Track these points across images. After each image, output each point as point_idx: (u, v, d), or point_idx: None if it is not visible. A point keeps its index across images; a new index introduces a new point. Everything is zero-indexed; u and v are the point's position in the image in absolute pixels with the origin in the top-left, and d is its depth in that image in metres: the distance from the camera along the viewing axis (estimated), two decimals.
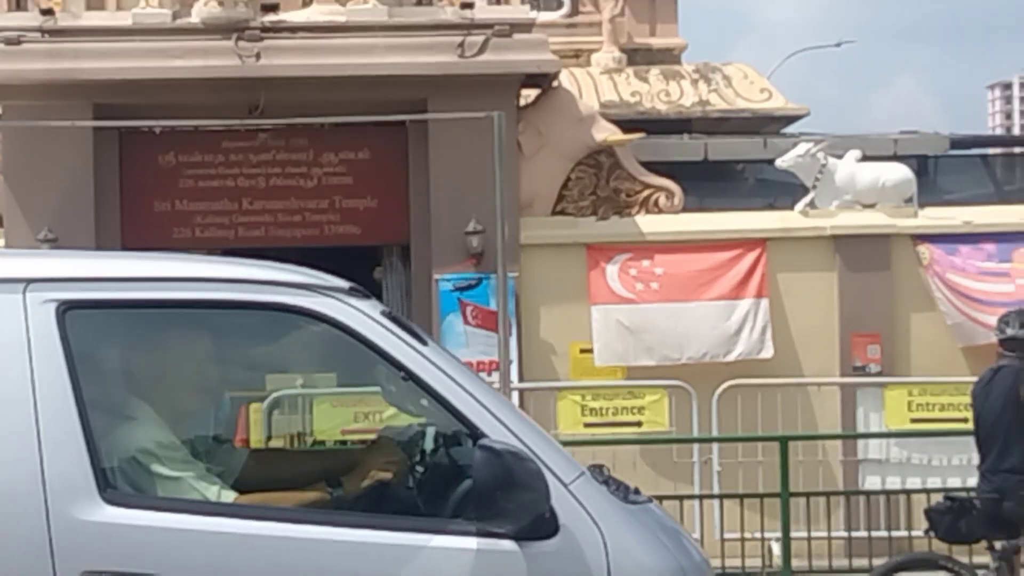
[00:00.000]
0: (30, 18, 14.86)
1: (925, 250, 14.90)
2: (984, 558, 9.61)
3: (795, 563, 12.35)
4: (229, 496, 3.80)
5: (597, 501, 3.67)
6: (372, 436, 6.07)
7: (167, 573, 3.44)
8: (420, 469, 4.24)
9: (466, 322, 14.19)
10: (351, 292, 3.77)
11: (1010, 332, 9.61)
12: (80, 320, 3.66)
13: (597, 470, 3.97)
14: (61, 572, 3.38)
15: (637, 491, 4.05)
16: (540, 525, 3.46)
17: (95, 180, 14.67)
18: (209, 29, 14.61)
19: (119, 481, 3.62)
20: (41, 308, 3.61)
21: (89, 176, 14.62)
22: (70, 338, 3.60)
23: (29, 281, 3.64)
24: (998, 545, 9.25)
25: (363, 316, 3.70)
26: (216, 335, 4.20)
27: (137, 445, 3.78)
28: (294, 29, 15.14)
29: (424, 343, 3.79)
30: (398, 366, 3.74)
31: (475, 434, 3.65)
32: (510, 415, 3.83)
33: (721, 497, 12.99)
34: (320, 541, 3.60)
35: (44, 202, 14.53)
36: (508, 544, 3.46)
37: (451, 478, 3.90)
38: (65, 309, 3.62)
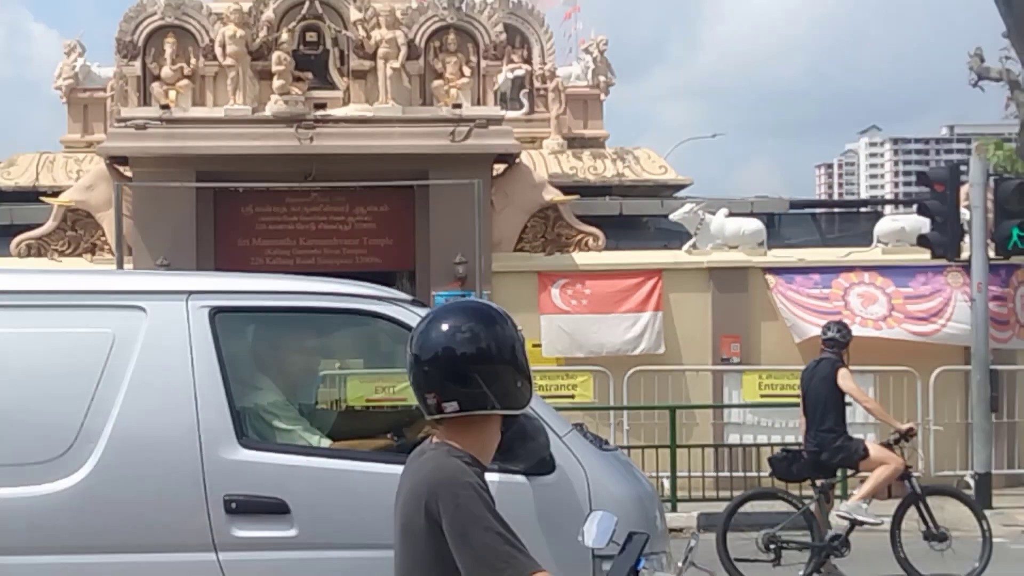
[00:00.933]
0: (152, 111, 16.69)
1: (771, 278, 16.66)
2: (808, 492, 11.14)
3: (680, 494, 14.56)
4: (326, 443, 5.03)
5: (581, 449, 4.76)
6: (394, 403, 6.70)
7: (283, 497, 4.50)
8: None
9: None
10: (413, 303, 5.17)
11: (829, 335, 11.59)
12: (225, 320, 4.75)
13: (579, 427, 5.11)
14: (210, 495, 4.45)
15: (607, 442, 5.27)
16: (542, 465, 4.57)
17: (196, 224, 16.41)
18: (278, 120, 16.37)
19: (250, 432, 4.69)
20: (198, 312, 4.67)
21: (192, 221, 16.36)
22: (218, 333, 4.66)
23: (190, 293, 4.75)
24: (818, 483, 11.03)
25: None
26: (320, 330, 5.58)
27: (262, 407, 4.94)
28: (336, 121, 16.92)
29: None
30: None
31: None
32: None
33: (629, 448, 13.95)
34: (389, 474, 4.08)
35: (160, 239, 16.21)
36: (520, 478, 4.56)
37: None
38: (214, 313, 4.71)
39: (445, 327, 2.59)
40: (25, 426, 4.68)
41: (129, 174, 16.77)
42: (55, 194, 17.58)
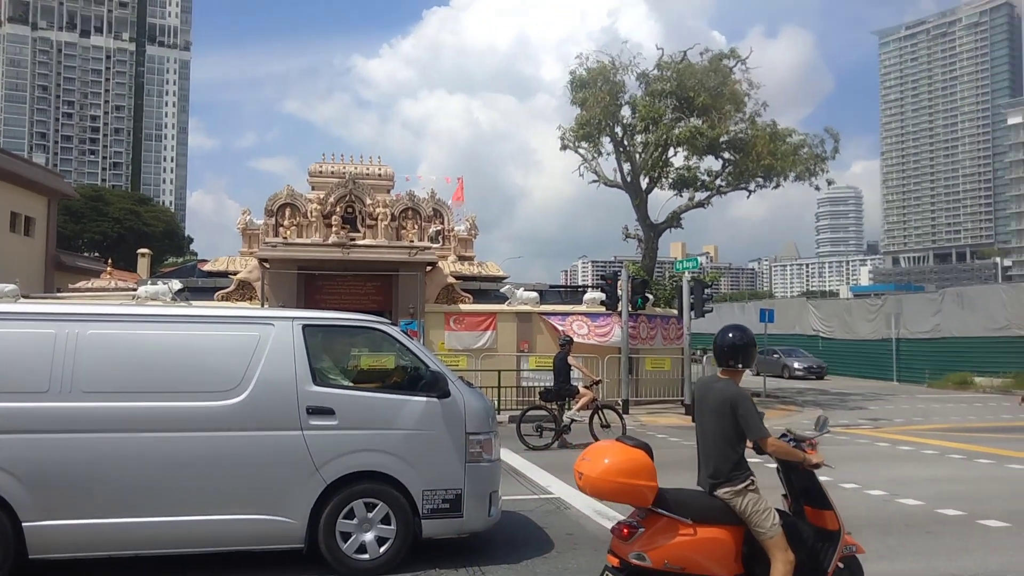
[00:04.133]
0: (279, 240, 19.44)
1: (539, 318, 19.94)
2: (554, 406, 13.00)
3: (502, 407, 16.66)
4: (350, 384, 5.85)
5: (461, 386, 5.86)
6: (381, 368, 6.71)
7: (332, 406, 5.48)
8: (409, 377, 5.92)
9: (408, 337, 11.12)
10: (393, 325, 6.05)
11: (564, 340, 13.79)
12: (309, 330, 5.66)
13: (461, 379, 6.08)
14: (300, 404, 5.40)
15: (471, 383, 6.28)
16: (445, 394, 5.65)
17: (296, 289, 18.72)
18: (333, 245, 19.02)
19: (318, 378, 5.56)
20: (297, 326, 5.62)
21: (294, 288, 18.72)
22: (306, 336, 5.60)
23: (294, 318, 5.69)
24: (558, 403, 12.95)
25: (397, 331, 5.93)
26: (349, 335, 6.40)
27: (324, 368, 5.74)
28: (359, 246, 19.35)
29: (410, 339, 5.98)
30: (404, 346, 5.88)
31: (428, 368, 5.77)
32: (437, 360, 5.88)
33: (482, 386, 13.33)
34: (383, 397, 5.69)
35: (281, 296, 18.56)
36: (435, 399, 5.66)
37: (419, 380, 5.77)
38: (304, 327, 5.63)
39: (732, 334, 4.27)
40: (219, 374, 5.37)
41: (267, 266, 18.61)
42: (235, 274, 20.04)
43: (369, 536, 5.53)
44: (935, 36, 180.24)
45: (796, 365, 33.46)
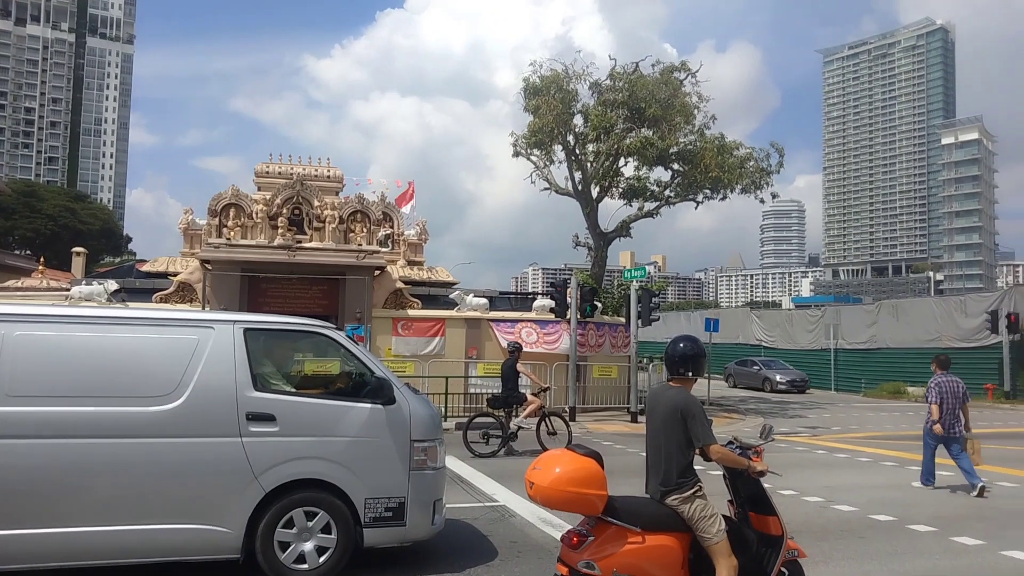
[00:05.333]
0: (222, 241, 18.88)
1: (488, 325, 19.63)
2: (501, 413, 12.79)
3: (449, 413, 16.58)
4: (292, 390, 5.67)
5: (406, 392, 5.76)
6: (325, 373, 6.56)
7: (273, 412, 5.37)
8: (353, 383, 5.80)
9: (354, 342, 11.06)
10: (338, 329, 5.95)
11: (512, 347, 13.61)
12: (250, 334, 5.53)
13: (407, 385, 5.94)
14: (240, 410, 5.28)
15: (417, 389, 6.10)
16: (390, 400, 5.55)
17: (239, 291, 18.43)
18: (279, 247, 18.71)
19: (259, 383, 5.43)
20: (238, 329, 5.50)
21: (237, 290, 18.42)
22: (247, 340, 5.48)
23: (235, 321, 5.57)
24: (506, 410, 12.70)
25: (342, 336, 5.84)
26: (293, 340, 6.20)
27: (266, 373, 5.61)
28: (305, 248, 19.07)
29: (355, 345, 5.89)
30: (349, 351, 5.79)
31: (373, 374, 5.64)
32: (382, 366, 5.78)
33: (429, 393, 14.41)
34: (326, 403, 5.58)
35: (223, 298, 18.19)
36: (380, 406, 5.56)
37: (363, 386, 5.65)
38: (246, 330, 5.51)
39: (683, 343, 4.31)
40: (154, 378, 5.22)
41: (210, 268, 18.36)
42: (175, 275, 19.64)
43: (309, 545, 5.43)
44: (876, 57, 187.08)
45: (779, 378, 32.04)
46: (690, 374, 4.37)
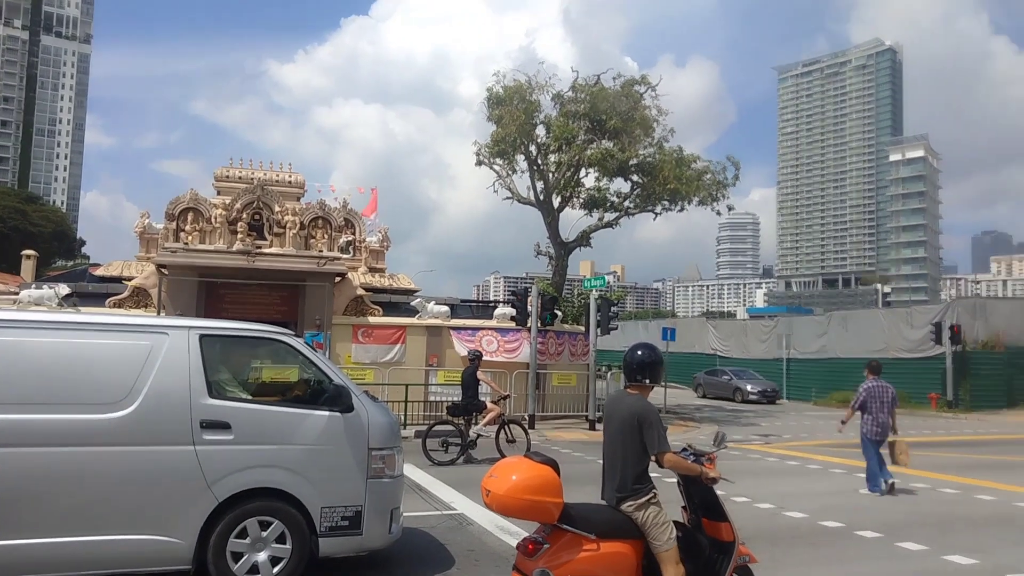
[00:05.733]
0: (180, 245, 18.34)
1: (452, 332, 19.71)
2: (461, 421, 12.76)
3: (409, 421, 16.48)
4: (249, 397, 5.66)
5: (365, 400, 5.68)
6: (283, 380, 6.52)
7: (228, 420, 5.27)
8: (311, 390, 5.74)
9: (313, 349, 11.30)
10: (296, 336, 5.86)
11: (473, 355, 13.55)
12: (207, 340, 5.44)
13: (366, 392, 5.86)
14: (193, 418, 5.19)
15: (376, 397, 6.05)
16: (348, 408, 5.48)
17: (196, 297, 18.08)
18: (238, 252, 18.16)
19: (214, 391, 5.33)
20: (193, 336, 5.40)
21: (194, 296, 18.05)
22: (203, 346, 5.38)
23: (190, 327, 5.46)
24: (465, 418, 12.69)
25: (300, 343, 5.76)
26: (250, 346, 6.09)
27: (222, 380, 5.52)
28: (265, 254, 18.57)
29: (314, 351, 5.82)
30: (307, 358, 5.71)
31: (331, 381, 5.57)
32: (341, 374, 5.71)
33: (388, 400, 14.98)
34: (282, 411, 5.49)
35: (179, 304, 17.80)
36: (338, 414, 5.50)
37: (321, 394, 5.58)
38: (202, 336, 5.42)
39: (641, 351, 4.33)
40: (106, 385, 5.10)
41: (166, 272, 17.98)
42: (130, 280, 19.08)
43: (262, 556, 5.32)
44: (828, 75, 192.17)
45: (750, 388, 31.65)
46: (647, 381, 4.39)
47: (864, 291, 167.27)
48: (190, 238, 19.51)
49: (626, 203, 25.51)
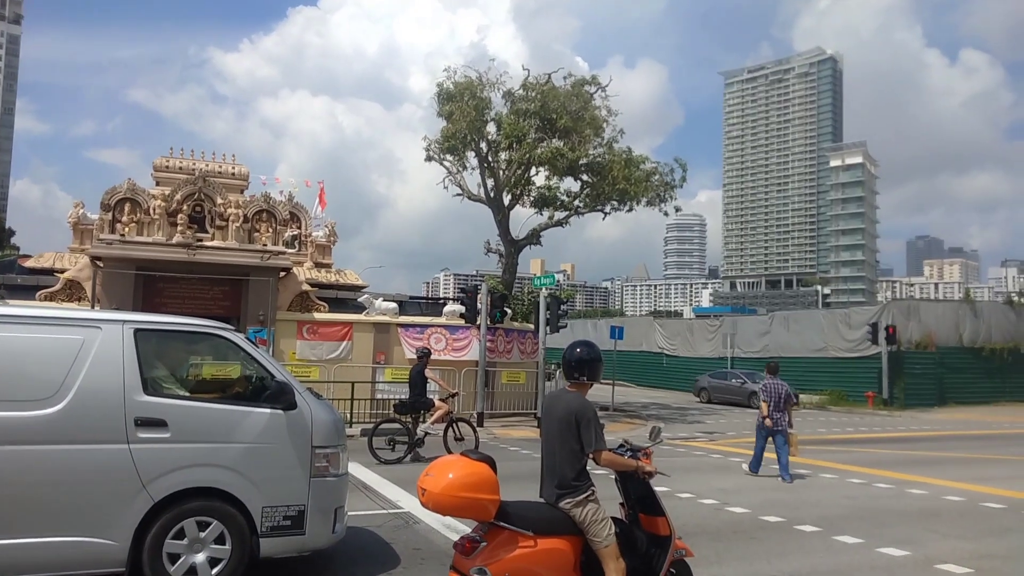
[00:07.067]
0: (116, 237, 18.05)
1: (399, 329, 19.59)
2: (408, 419, 12.77)
3: (355, 419, 16.29)
4: (186, 394, 5.53)
5: (309, 397, 5.64)
6: (223, 377, 6.35)
7: (164, 417, 5.16)
8: (253, 387, 5.69)
9: (256, 345, 11.51)
10: (236, 331, 5.78)
11: (421, 353, 13.41)
12: (142, 335, 5.32)
13: (310, 390, 5.83)
14: (128, 418, 5.06)
15: (320, 395, 6.04)
16: (291, 406, 5.44)
17: (133, 291, 17.46)
18: (178, 245, 17.92)
19: (150, 387, 5.21)
20: (128, 330, 5.27)
21: (131, 289, 17.44)
22: (138, 341, 5.26)
23: (125, 321, 5.33)
24: (412, 416, 12.74)
25: (241, 338, 5.68)
26: (189, 341, 6.01)
27: (158, 376, 5.41)
28: (207, 247, 18.44)
29: (256, 348, 5.79)
30: (249, 354, 5.67)
31: (274, 378, 5.52)
32: (284, 370, 5.69)
33: (334, 398, 15.29)
34: (222, 408, 5.39)
35: (115, 298, 17.16)
36: (280, 411, 5.44)
37: (263, 391, 5.51)
38: (137, 331, 5.30)
39: (579, 348, 4.36)
40: (34, 380, 4.97)
41: (101, 265, 17.49)
42: (63, 272, 18.46)
43: (200, 557, 5.19)
44: (772, 81, 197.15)
45: None
46: (586, 379, 4.38)
47: (805, 292, 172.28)
48: (127, 230, 19.07)
49: (576, 202, 25.75)
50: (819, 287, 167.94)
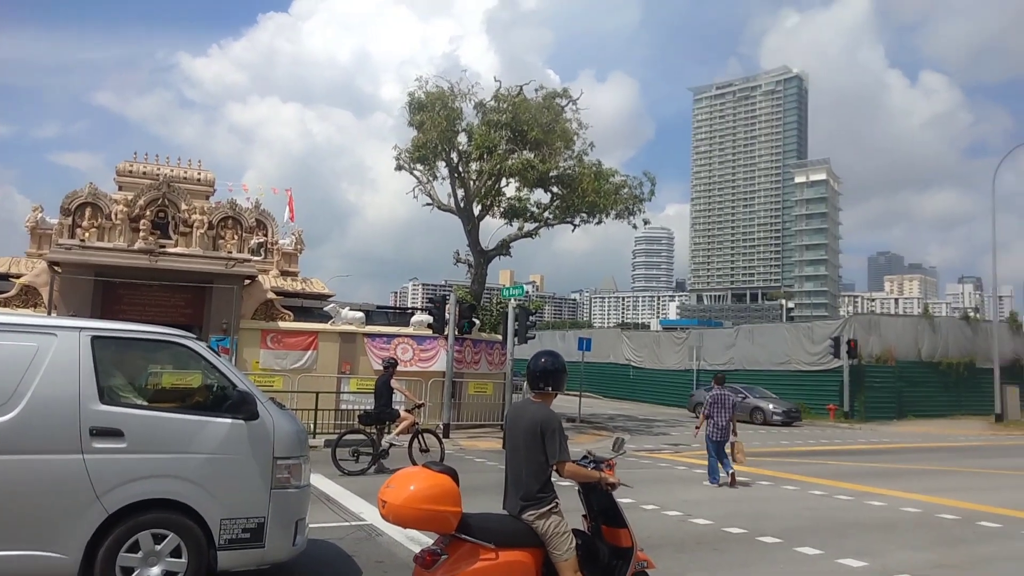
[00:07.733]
0: (75, 242, 17.79)
1: (365, 339, 19.47)
2: (373, 430, 12.70)
3: (318, 430, 16.22)
4: (145, 404, 5.38)
5: (271, 407, 5.59)
6: (183, 386, 6.19)
7: (120, 427, 5.04)
8: (213, 397, 5.59)
9: (218, 354, 11.52)
10: (197, 339, 5.73)
11: (387, 364, 13.31)
12: (99, 342, 5.22)
13: (272, 400, 5.81)
14: (82, 425, 4.97)
15: (283, 405, 6.01)
16: (253, 416, 5.36)
17: (91, 297, 17.32)
18: (140, 251, 17.70)
19: (106, 396, 5.10)
20: (84, 337, 5.17)
21: (89, 296, 17.31)
22: (95, 349, 5.16)
23: (81, 328, 5.25)
24: (377, 427, 12.71)
25: (202, 347, 5.61)
26: (148, 350, 5.78)
27: (114, 385, 5.31)
28: (169, 254, 18.20)
29: (218, 356, 5.72)
30: (210, 363, 5.57)
31: (235, 387, 5.46)
32: (246, 380, 5.63)
33: (297, 409, 15.13)
34: (181, 418, 5.31)
35: (72, 304, 17.08)
36: (242, 421, 5.36)
37: (224, 400, 5.45)
38: (94, 339, 5.21)
39: (543, 359, 4.39)
40: None
41: (59, 271, 17.32)
42: (19, 277, 18.26)
43: (155, 571, 5.06)
44: (740, 98, 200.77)
45: (773, 408, 28.06)
46: (550, 389, 4.38)
47: (770, 306, 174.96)
48: (87, 235, 18.73)
49: (546, 214, 25.93)
50: (783, 301, 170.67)
